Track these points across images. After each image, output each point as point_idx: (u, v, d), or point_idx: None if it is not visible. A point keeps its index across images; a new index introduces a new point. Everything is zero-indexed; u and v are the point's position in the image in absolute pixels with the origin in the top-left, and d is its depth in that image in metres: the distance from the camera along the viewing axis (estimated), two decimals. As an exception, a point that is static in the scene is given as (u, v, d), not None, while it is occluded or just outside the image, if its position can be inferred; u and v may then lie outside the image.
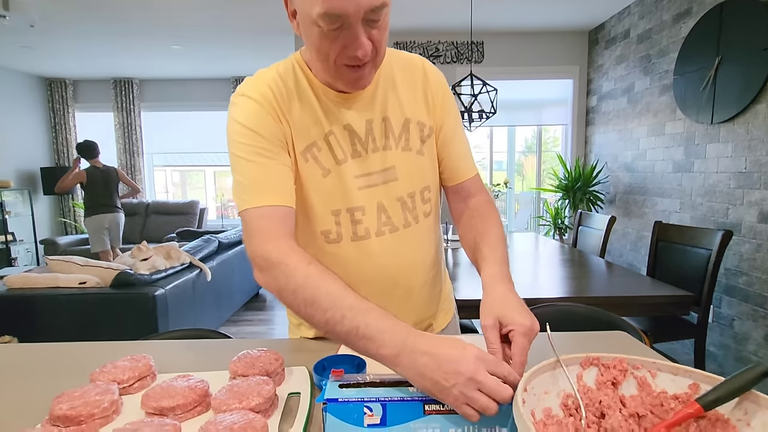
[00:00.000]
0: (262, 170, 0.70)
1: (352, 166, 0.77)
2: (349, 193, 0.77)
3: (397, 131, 0.78)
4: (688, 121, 2.76)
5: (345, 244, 0.79)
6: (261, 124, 0.71)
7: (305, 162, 0.75)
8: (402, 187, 0.79)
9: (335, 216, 0.77)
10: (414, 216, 0.81)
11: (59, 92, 5.44)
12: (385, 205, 0.79)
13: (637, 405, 0.52)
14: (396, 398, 0.52)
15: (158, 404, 0.59)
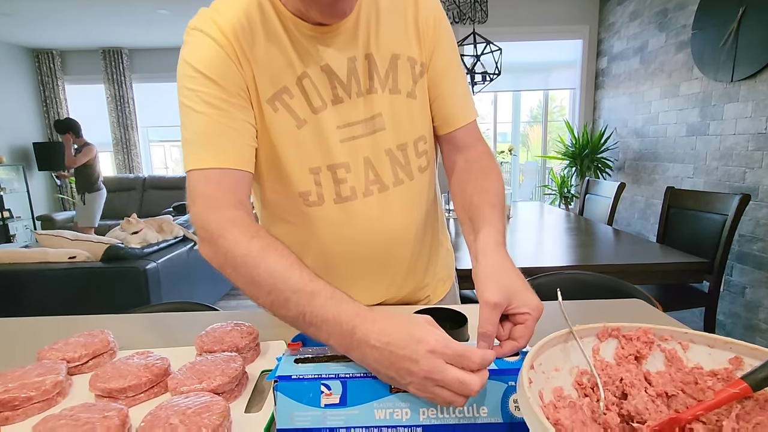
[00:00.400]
0: (213, 124, 0.59)
1: (331, 115, 0.65)
2: (330, 147, 0.66)
3: (383, 70, 0.66)
4: (705, 80, 2.60)
5: (328, 207, 0.68)
6: (216, 68, 0.60)
7: (274, 112, 0.64)
8: (391, 138, 0.68)
9: (314, 175, 0.67)
10: (407, 172, 0.70)
11: (47, 64, 5.25)
12: (373, 160, 0.68)
13: (666, 383, 0.43)
14: (358, 374, 0.45)
15: (106, 386, 0.51)
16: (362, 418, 0.44)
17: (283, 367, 0.46)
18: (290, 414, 0.44)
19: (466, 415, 0.44)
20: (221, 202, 0.57)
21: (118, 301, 2.02)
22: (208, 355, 0.57)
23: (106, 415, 0.45)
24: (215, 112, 0.59)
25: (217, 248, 0.55)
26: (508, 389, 0.44)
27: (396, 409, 0.44)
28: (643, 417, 0.40)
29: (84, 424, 0.43)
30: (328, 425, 0.44)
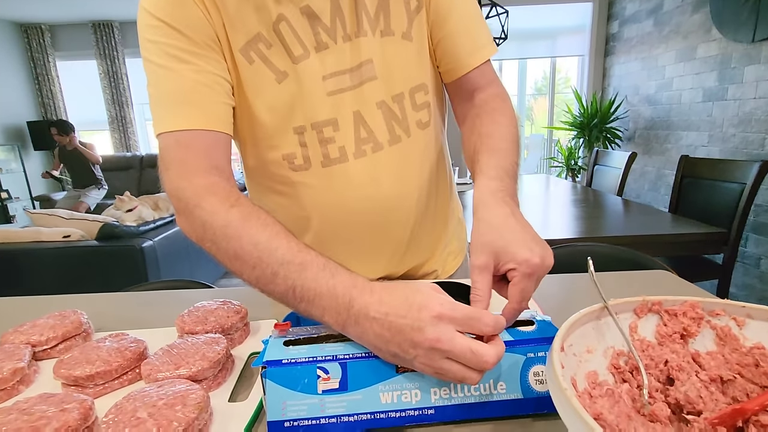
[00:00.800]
0: (180, 81, 0.51)
1: (315, 64, 0.56)
2: (315, 102, 0.57)
3: (372, 9, 0.57)
4: (724, 41, 2.45)
5: (315, 171, 0.60)
6: (179, 15, 0.51)
7: (249, 64, 0.55)
8: (384, 88, 0.59)
9: (298, 135, 0.58)
10: (404, 128, 0.61)
11: (37, 39, 5.08)
12: (364, 115, 0.59)
13: (719, 365, 0.37)
14: (359, 354, 0.39)
15: (71, 373, 0.45)
16: (366, 404, 0.38)
17: (271, 350, 0.41)
18: (282, 404, 0.38)
19: (483, 393, 0.39)
20: (195, 168, 0.51)
21: (115, 280, 1.98)
22: (189, 337, 0.51)
23: (65, 407, 0.38)
24: (182, 67, 0.51)
25: (193, 219, 0.49)
26: (527, 362, 0.40)
27: (404, 390, 0.39)
28: (696, 406, 0.33)
29: (38, 419, 0.37)
30: (327, 414, 0.38)
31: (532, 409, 0.40)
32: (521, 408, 0.40)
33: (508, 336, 0.41)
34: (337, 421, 0.38)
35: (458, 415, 0.39)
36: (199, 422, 0.37)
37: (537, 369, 0.40)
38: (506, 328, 0.41)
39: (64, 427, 0.36)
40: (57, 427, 0.36)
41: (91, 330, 0.59)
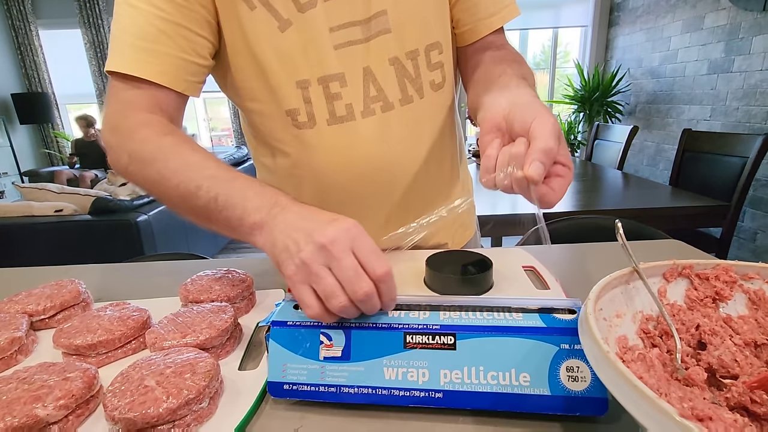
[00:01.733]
0: (144, 22, 0.48)
1: (321, 14, 0.52)
2: (321, 54, 0.53)
3: None
4: (733, 10, 2.38)
5: (321, 128, 0.57)
6: None
7: (251, 10, 0.51)
8: (397, 44, 0.55)
9: (302, 89, 0.54)
10: (416, 87, 0.57)
11: (17, 7, 4.84)
12: (374, 71, 0.55)
13: (752, 329, 0.35)
14: (366, 324, 0.37)
15: (72, 342, 0.43)
16: (368, 377, 0.36)
17: (280, 312, 0.39)
18: (283, 365, 0.37)
19: (501, 382, 0.35)
20: (138, 109, 0.49)
21: (111, 255, 1.95)
22: (194, 305, 0.49)
23: (67, 376, 0.37)
24: (148, 7, 0.48)
25: (121, 150, 0.49)
26: (559, 354, 0.35)
27: (411, 368, 0.36)
28: (732, 371, 0.32)
29: (39, 388, 0.35)
30: (327, 382, 0.36)
31: (561, 409, 0.34)
32: (547, 406, 0.34)
33: (540, 322, 0.36)
34: (337, 391, 0.36)
35: (469, 403, 0.35)
36: (210, 390, 0.36)
37: (571, 363, 0.34)
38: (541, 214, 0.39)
39: (67, 396, 0.35)
40: (59, 396, 0.34)
41: (90, 300, 0.57)
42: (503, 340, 0.36)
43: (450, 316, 0.37)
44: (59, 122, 5.22)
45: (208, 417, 0.36)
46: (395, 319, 0.37)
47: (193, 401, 0.34)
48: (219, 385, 0.38)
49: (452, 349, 0.36)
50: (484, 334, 0.36)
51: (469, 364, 0.35)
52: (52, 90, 5.15)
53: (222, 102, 5.55)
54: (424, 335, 0.36)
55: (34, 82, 5.09)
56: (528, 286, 0.59)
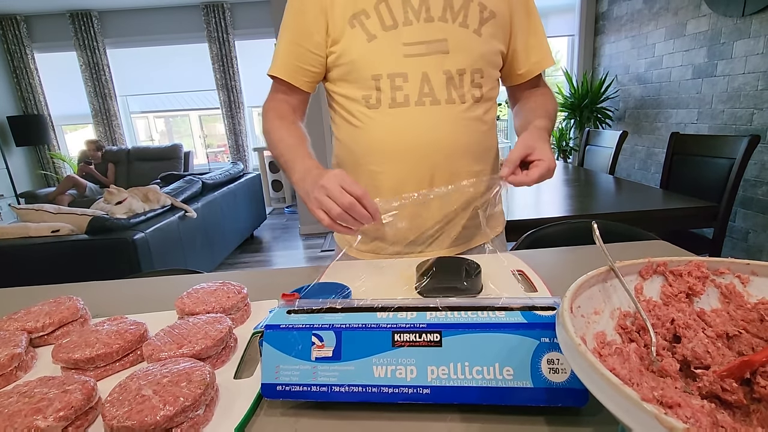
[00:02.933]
0: (286, 40, 0.78)
1: (401, 33, 0.73)
2: (395, 58, 0.74)
3: (457, 7, 0.73)
4: (714, 17, 2.44)
5: (383, 109, 0.76)
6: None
7: (351, 28, 0.74)
8: (451, 62, 0.74)
9: (375, 81, 0.75)
10: (460, 94, 0.76)
11: (12, 31, 4.90)
12: (430, 76, 0.74)
13: (725, 322, 0.37)
14: (356, 325, 0.38)
15: (70, 356, 0.44)
16: (359, 375, 0.37)
17: (274, 317, 0.41)
18: (276, 367, 0.38)
19: (485, 377, 0.36)
20: (276, 99, 0.82)
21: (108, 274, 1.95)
22: (190, 317, 0.50)
23: (66, 389, 0.38)
24: (286, 33, 0.78)
25: (264, 121, 0.82)
26: (540, 347, 0.36)
27: (399, 366, 0.37)
28: (704, 361, 0.34)
29: (39, 400, 0.36)
30: (319, 382, 0.38)
31: (544, 400, 0.36)
32: (530, 398, 0.36)
33: (521, 318, 0.38)
34: (329, 390, 0.38)
35: (456, 398, 0.36)
36: (205, 398, 0.37)
37: (552, 356, 0.36)
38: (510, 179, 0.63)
39: (67, 408, 0.36)
40: (59, 407, 0.35)
41: (88, 316, 0.58)
42: (486, 336, 0.37)
43: (436, 315, 0.39)
44: (55, 143, 5.25)
45: (204, 424, 0.37)
46: (384, 320, 0.39)
47: (189, 408, 0.35)
48: (215, 392, 0.39)
49: (438, 346, 0.37)
50: (468, 330, 0.37)
51: (454, 360, 0.37)
52: (48, 112, 5.19)
53: (217, 119, 5.59)
54: (411, 333, 0.38)
55: (29, 104, 5.13)
56: (516, 288, 0.60)
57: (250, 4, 4.93)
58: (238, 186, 3.47)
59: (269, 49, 5.03)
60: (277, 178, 5.12)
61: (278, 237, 4.09)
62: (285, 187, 5.16)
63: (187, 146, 5.23)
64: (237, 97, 5.12)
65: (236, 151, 5.30)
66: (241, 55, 5.07)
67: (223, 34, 4.92)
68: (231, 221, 3.29)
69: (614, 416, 0.24)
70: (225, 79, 5.06)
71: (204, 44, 4.99)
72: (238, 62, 5.06)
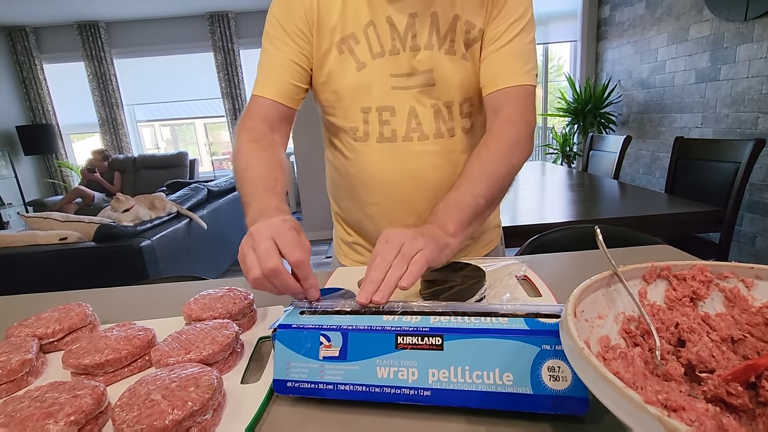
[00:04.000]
0: (270, 60, 0.72)
1: (388, 63, 0.70)
2: (384, 90, 0.71)
3: (444, 30, 0.69)
4: (716, 21, 2.45)
5: (372, 143, 0.74)
6: (287, 15, 0.70)
7: (339, 54, 0.70)
8: (439, 95, 0.71)
9: (364, 113, 0.72)
10: (449, 128, 0.73)
11: (21, 42, 4.99)
12: (417, 111, 0.72)
13: (729, 326, 0.37)
14: (361, 327, 0.40)
15: (80, 362, 0.45)
16: (362, 375, 0.39)
17: (287, 317, 0.43)
18: (287, 364, 0.40)
19: (485, 382, 0.37)
20: (251, 115, 0.71)
21: (115, 281, 1.96)
22: (198, 323, 0.51)
23: (77, 393, 0.38)
24: (273, 50, 0.71)
25: (235, 142, 0.70)
26: (541, 354, 0.36)
27: (401, 368, 0.38)
28: (709, 365, 0.34)
29: (50, 405, 0.37)
30: (326, 380, 0.39)
31: (543, 407, 0.36)
32: (529, 404, 0.36)
33: (523, 325, 0.38)
34: (334, 388, 0.39)
35: (456, 401, 0.37)
36: (213, 402, 0.37)
37: (553, 363, 0.36)
38: None
39: (77, 412, 0.36)
40: (70, 412, 0.36)
41: (97, 322, 0.58)
42: (488, 342, 0.37)
43: (440, 320, 0.39)
44: (63, 152, 5.32)
45: (212, 428, 0.37)
46: (389, 322, 0.40)
47: (197, 413, 0.36)
48: (222, 397, 0.40)
49: (440, 349, 0.37)
50: (469, 335, 0.38)
51: (455, 364, 0.37)
52: (56, 121, 5.26)
53: (222, 127, 5.65)
54: (414, 336, 0.38)
55: (38, 114, 5.21)
56: (521, 293, 0.60)
57: (254, 14, 5.00)
58: (242, 193, 3.49)
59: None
60: (282, 185, 5.14)
61: (283, 243, 4.09)
62: (289, 194, 5.17)
63: (193, 154, 5.27)
64: (242, 105, 5.18)
65: (241, 159, 5.34)
66: (246, 64, 5.13)
67: (228, 44, 4.99)
68: (236, 228, 3.31)
69: (618, 420, 0.24)
70: (230, 87, 5.12)
71: (209, 53, 5.06)
72: (243, 71, 5.12)
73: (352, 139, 0.75)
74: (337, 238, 0.92)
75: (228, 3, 4.69)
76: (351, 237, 0.87)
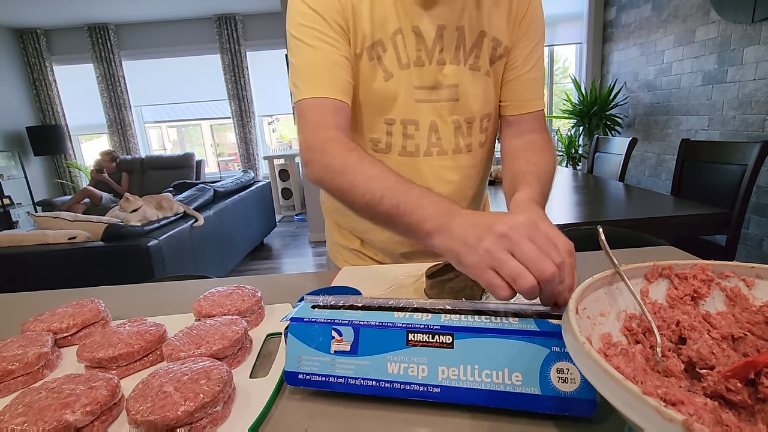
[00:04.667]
0: (321, 57, 0.63)
1: (413, 75, 0.68)
2: (406, 103, 0.69)
3: (469, 45, 0.68)
4: (723, 23, 2.44)
5: (393, 156, 0.72)
6: (326, 6, 0.63)
7: (369, 60, 0.67)
8: (461, 110, 0.71)
9: (388, 125, 0.71)
10: (467, 143, 0.74)
11: (32, 44, 5.07)
12: (438, 125, 0.71)
13: (730, 324, 0.38)
14: (373, 323, 0.40)
15: (94, 355, 0.46)
16: (373, 370, 0.39)
17: (299, 311, 0.44)
18: (298, 357, 0.41)
19: (494, 380, 0.37)
20: (323, 125, 0.61)
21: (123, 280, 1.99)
22: (207, 319, 0.52)
23: (92, 385, 0.40)
24: (323, 46, 0.63)
25: (317, 164, 0.60)
26: (550, 356, 0.37)
27: (411, 364, 0.39)
28: (709, 362, 0.34)
29: (66, 396, 0.38)
30: (337, 373, 0.40)
31: (551, 408, 0.36)
32: (538, 405, 0.36)
33: (534, 326, 0.38)
34: (345, 382, 0.40)
35: (464, 398, 0.37)
36: (223, 395, 0.39)
37: (561, 365, 0.36)
38: None
39: (93, 403, 0.38)
40: (86, 402, 0.37)
41: (109, 318, 0.60)
42: (497, 341, 0.38)
43: (450, 318, 0.40)
44: (72, 153, 5.38)
45: (222, 420, 0.38)
46: (400, 319, 0.41)
47: (208, 405, 0.37)
48: (232, 391, 0.41)
49: (450, 347, 0.38)
50: (480, 335, 0.39)
51: (465, 362, 0.38)
52: (65, 122, 5.34)
53: (228, 128, 5.69)
54: (424, 334, 0.39)
55: (48, 115, 5.28)
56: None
57: (261, 16, 5.04)
58: (248, 194, 3.52)
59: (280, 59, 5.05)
60: (287, 186, 5.17)
61: (288, 244, 4.12)
62: (294, 195, 5.21)
63: (199, 155, 5.32)
64: (248, 106, 5.22)
65: (247, 160, 5.38)
66: (253, 66, 5.17)
67: (235, 46, 5.03)
68: (241, 229, 3.33)
69: (620, 414, 0.25)
70: (236, 89, 5.16)
71: (216, 55, 5.11)
72: (250, 72, 5.16)
73: (372, 150, 0.73)
74: (335, 243, 0.89)
75: (235, 6, 4.74)
76: (354, 244, 0.85)
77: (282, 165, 5.09)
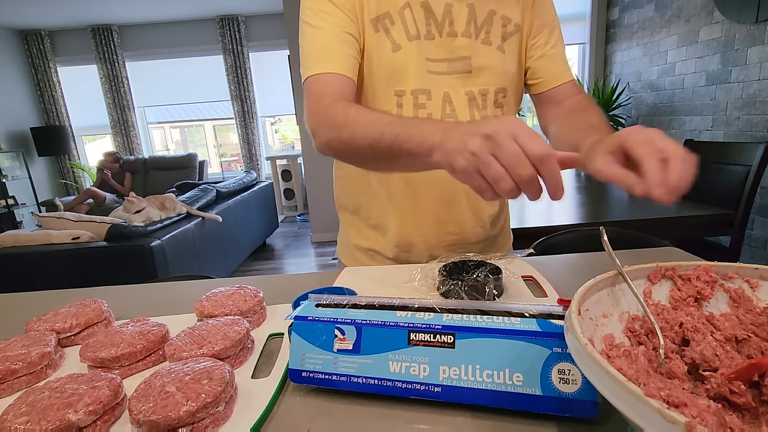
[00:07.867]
0: (324, 36, 0.65)
1: (424, 46, 0.69)
2: (418, 74, 0.70)
3: (480, 20, 0.70)
4: (727, 23, 2.42)
5: None
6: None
7: (375, 32, 0.68)
8: (474, 82, 0.71)
9: (398, 97, 0.71)
10: (482, 116, 0.73)
11: (36, 45, 5.10)
12: (452, 97, 0.71)
13: (733, 326, 0.37)
14: (375, 322, 0.41)
15: (97, 355, 0.46)
16: (375, 369, 0.40)
17: (303, 309, 0.44)
18: (302, 355, 0.42)
19: (495, 381, 0.37)
20: (327, 95, 0.63)
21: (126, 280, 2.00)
22: (209, 319, 0.52)
23: (95, 385, 0.40)
24: (326, 25, 0.65)
25: (322, 127, 0.61)
26: (552, 357, 0.37)
27: (413, 363, 0.39)
28: (713, 364, 0.34)
29: (69, 395, 0.38)
30: (340, 371, 0.41)
31: (551, 409, 0.36)
32: (538, 405, 0.36)
33: (536, 326, 0.38)
34: (347, 380, 0.40)
35: (465, 398, 0.37)
36: (225, 395, 0.39)
37: (563, 366, 0.36)
38: None
39: (96, 403, 0.38)
40: (89, 402, 0.37)
41: (112, 318, 0.60)
42: (499, 342, 0.38)
43: (452, 317, 0.40)
44: (75, 153, 5.41)
45: (224, 420, 0.38)
46: (402, 318, 0.41)
47: (210, 405, 0.37)
48: (234, 391, 0.41)
49: (451, 347, 0.38)
50: (481, 334, 0.38)
51: (466, 362, 0.38)
52: (69, 123, 5.36)
53: (231, 129, 5.71)
54: (426, 333, 0.39)
55: (52, 116, 5.30)
56: (527, 294, 0.61)
57: (263, 17, 5.05)
58: (251, 194, 3.53)
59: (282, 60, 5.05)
60: (289, 187, 5.18)
61: (290, 245, 4.13)
62: (297, 196, 5.22)
63: (202, 155, 5.34)
64: (250, 107, 5.23)
65: (249, 160, 5.39)
66: (255, 67, 5.18)
67: (238, 46, 5.04)
68: (244, 229, 3.34)
69: (622, 416, 0.25)
70: (239, 90, 5.17)
71: (219, 56, 5.12)
72: (252, 73, 5.17)
73: None
74: (349, 245, 0.86)
75: (238, 7, 4.75)
76: (368, 242, 0.83)
77: (284, 165, 5.10)
